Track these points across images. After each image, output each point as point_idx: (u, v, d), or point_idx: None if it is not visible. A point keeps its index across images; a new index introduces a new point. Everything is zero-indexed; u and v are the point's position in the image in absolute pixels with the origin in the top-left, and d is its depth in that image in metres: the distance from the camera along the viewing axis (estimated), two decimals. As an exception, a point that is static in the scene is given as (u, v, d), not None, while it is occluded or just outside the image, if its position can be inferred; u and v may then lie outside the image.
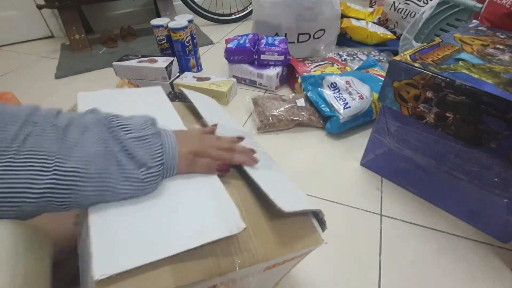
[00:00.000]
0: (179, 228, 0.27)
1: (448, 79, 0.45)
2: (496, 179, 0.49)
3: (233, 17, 1.66)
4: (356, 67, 1.01)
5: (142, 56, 1.00)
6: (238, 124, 0.53)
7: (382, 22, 1.32)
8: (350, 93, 0.78)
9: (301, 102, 0.84)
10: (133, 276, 0.24)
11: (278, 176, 0.39)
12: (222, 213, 0.30)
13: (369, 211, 0.60)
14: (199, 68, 1.16)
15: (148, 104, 0.46)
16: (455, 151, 0.51)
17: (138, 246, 0.25)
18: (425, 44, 0.56)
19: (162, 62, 0.96)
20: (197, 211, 0.29)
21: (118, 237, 0.26)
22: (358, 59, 1.09)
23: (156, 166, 0.29)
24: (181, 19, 1.02)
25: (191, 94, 0.49)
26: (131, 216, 0.28)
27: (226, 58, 1.03)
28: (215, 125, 0.39)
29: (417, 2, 1.17)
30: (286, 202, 0.32)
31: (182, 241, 0.26)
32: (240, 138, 0.38)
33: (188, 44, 1.04)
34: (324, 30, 1.09)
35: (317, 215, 0.35)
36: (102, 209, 0.28)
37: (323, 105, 0.79)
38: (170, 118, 0.43)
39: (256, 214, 0.33)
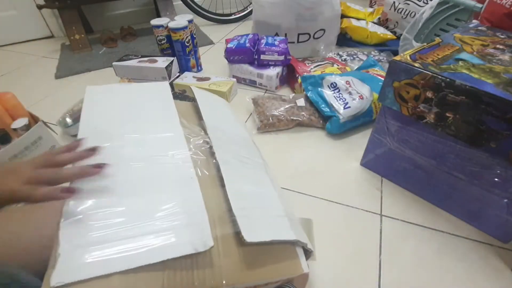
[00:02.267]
0: (143, 240, 0.27)
1: (448, 79, 0.45)
2: (496, 179, 0.49)
3: (233, 17, 1.66)
4: (356, 67, 1.01)
5: (142, 56, 1.00)
6: (242, 126, 0.52)
7: (382, 22, 1.32)
8: (350, 93, 0.78)
9: (301, 102, 0.84)
10: (82, 283, 0.24)
11: (264, 193, 0.37)
12: (191, 227, 0.28)
13: (369, 211, 0.60)
14: (199, 68, 1.16)
15: (151, 100, 0.45)
16: (455, 151, 0.51)
17: (98, 257, 0.25)
18: (425, 44, 0.56)
19: (162, 62, 0.96)
20: (166, 222, 0.28)
21: (81, 246, 0.26)
22: (358, 59, 1.09)
23: None
24: (181, 19, 1.02)
25: (197, 93, 0.49)
26: (100, 225, 0.27)
27: (226, 58, 1.03)
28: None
29: (417, 2, 1.17)
30: (256, 229, 0.30)
31: (142, 254, 0.26)
32: (92, 150, 0.31)
33: (188, 44, 1.04)
34: (324, 30, 1.09)
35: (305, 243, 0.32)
36: (75, 215, 0.28)
37: (323, 105, 0.79)
38: (168, 117, 0.42)
39: (231, 232, 0.31)
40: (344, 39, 1.25)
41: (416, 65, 0.48)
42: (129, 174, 0.33)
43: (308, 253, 0.34)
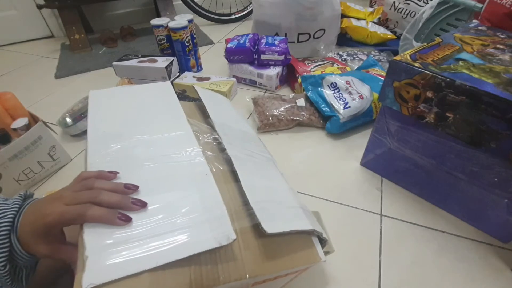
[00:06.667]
0: (168, 237, 0.27)
1: (448, 79, 0.45)
2: (496, 179, 0.48)
3: (233, 17, 1.66)
4: (356, 67, 1.01)
5: (142, 56, 1.00)
6: (246, 123, 0.53)
7: (382, 22, 1.32)
8: (350, 93, 0.78)
9: (301, 102, 0.84)
10: (114, 283, 0.24)
11: (277, 187, 0.38)
12: (213, 222, 0.28)
13: (369, 211, 0.60)
14: (199, 68, 1.16)
15: (156, 100, 0.46)
16: (455, 151, 0.51)
17: (126, 256, 0.25)
18: (425, 44, 0.56)
19: (162, 62, 0.96)
20: (187, 219, 0.29)
21: (107, 247, 0.26)
22: (358, 59, 1.09)
23: None
24: (181, 19, 1.02)
25: (201, 92, 0.49)
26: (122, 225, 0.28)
27: (226, 58, 1.03)
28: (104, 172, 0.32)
29: (417, 2, 1.17)
30: (274, 220, 0.30)
31: (169, 251, 0.26)
32: (129, 188, 0.31)
33: (188, 44, 1.04)
34: (324, 30, 1.09)
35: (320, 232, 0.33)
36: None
37: (323, 105, 0.79)
38: (175, 116, 0.43)
39: (249, 225, 0.31)
40: (344, 39, 1.25)
41: (416, 65, 0.48)
42: (144, 175, 0.33)
43: (323, 242, 0.34)
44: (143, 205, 0.29)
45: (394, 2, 1.23)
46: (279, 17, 1.05)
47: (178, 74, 1.02)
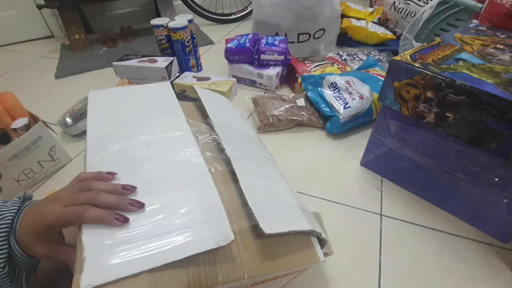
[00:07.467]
0: (166, 238, 0.27)
1: (448, 79, 0.45)
2: (496, 179, 0.48)
3: (233, 17, 1.66)
4: (356, 67, 1.01)
5: (142, 56, 1.00)
6: (246, 123, 0.53)
7: (382, 22, 1.32)
8: (350, 93, 0.78)
9: (301, 102, 0.84)
10: (112, 284, 0.24)
11: (276, 187, 0.38)
12: (211, 223, 0.28)
13: (369, 211, 0.60)
14: (199, 68, 1.16)
15: (155, 101, 0.46)
16: (455, 151, 0.51)
17: (124, 257, 0.25)
18: (425, 44, 0.56)
19: (162, 62, 0.96)
20: (186, 220, 0.28)
21: (106, 247, 0.26)
22: (358, 59, 1.09)
23: None
24: (181, 19, 1.02)
25: (200, 92, 0.49)
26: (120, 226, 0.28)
27: (226, 58, 1.03)
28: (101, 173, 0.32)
29: (417, 2, 1.17)
30: (273, 221, 0.30)
31: (167, 252, 0.26)
32: (126, 189, 0.31)
33: (188, 44, 1.04)
34: (324, 30, 1.09)
35: (319, 233, 0.33)
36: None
37: (323, 105, 0.79)
38: (174, 116, 0.43)
39: (247, 226, 0.31)
40: (344, 39, 1.25)
41: (416, 65, 0.48)
42: (143, 175, 0.33)
43: (322, 243, 0.34)
44: (140, 205, 0.29)
45: (394, 2, 1.23)
46: (279, 17, 1.05)
47: (178, 74, 1.02)
